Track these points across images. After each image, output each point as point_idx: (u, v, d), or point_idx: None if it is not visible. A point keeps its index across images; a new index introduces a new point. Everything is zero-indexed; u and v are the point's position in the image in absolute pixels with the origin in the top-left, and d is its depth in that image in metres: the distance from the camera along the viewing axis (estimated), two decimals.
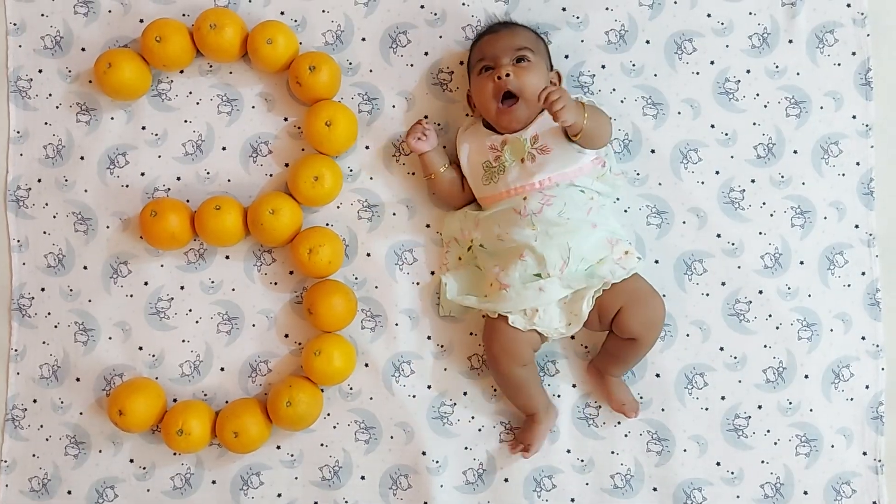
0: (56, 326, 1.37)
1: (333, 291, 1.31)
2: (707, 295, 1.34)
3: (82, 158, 1.38)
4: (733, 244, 1.34)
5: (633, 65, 1.36)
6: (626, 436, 1.33)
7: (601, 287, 1.22)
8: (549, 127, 1.25)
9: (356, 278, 1.36)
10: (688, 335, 1.34)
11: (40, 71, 1.39)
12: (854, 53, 1.36)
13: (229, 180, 1.38)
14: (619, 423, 1.33)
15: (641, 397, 1.33)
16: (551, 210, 1.22)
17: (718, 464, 1.33)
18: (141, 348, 1.36)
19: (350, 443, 1.34)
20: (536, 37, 1.31)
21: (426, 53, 1.37)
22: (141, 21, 1.38)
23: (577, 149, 1.25)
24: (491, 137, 1.28)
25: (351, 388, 1.35)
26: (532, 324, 1.24)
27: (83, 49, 1.39)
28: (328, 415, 1.35)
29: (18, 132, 1.39)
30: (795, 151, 1.35)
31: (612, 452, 1.33)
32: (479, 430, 1.34)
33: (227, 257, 1.37)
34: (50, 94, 1.39)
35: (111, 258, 1.37)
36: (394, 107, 1.37)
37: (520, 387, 1.27)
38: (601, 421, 1.34)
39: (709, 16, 1.36)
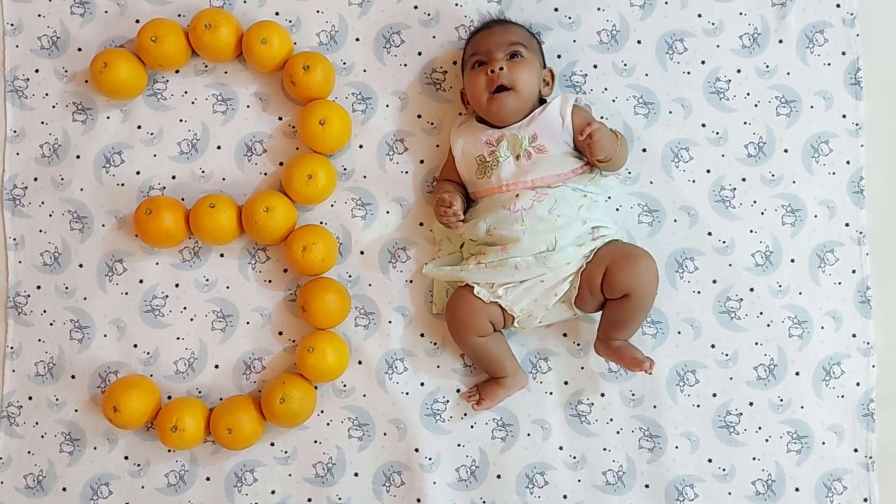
0: (51, 324, 1.38)
1: (327, 289, 1.32)
2: (698, 292, 1.35)
3: (78, 157, 1.39)
4: (724, 242, 1.35)
5: (625, 64, 1.37)
6: (618, 433, 1.34)
7: (582, 264, 1.23)
8: (547, 128, 1.26)
9: (350, 276, 1.37)
10: (679, 332, 1.34)
11: (37, 71, 1.40)
12: (844, 53, 1.37)
13: (224, 179, 1.39)
14: (611, 419, 1.34)
15: (633, 394, 1.34)
16: (542, 207, 1.23)
17: (710, 460, 1.33)
18: (136, 346, 1.37)
19: (343, 439, 1.35)
20: (530, 34, 1.32)
21: (420, 53, 1.38)
22: (137, 21, 1.39)
23: (573, 153, 1.26)
24: (486, 132, 1.28)
25: (344, 385, 1.36)
26: (496, 296, 1.25)
27: (79, 49, 1.40)
28: (322, 412, 1.35)
29: (15, 131, 1.40)
30: (786, 150, 1.36)
31: (605, 449, 1.34)
32: (472, 426, 1.35)
33: (222, 255, 1.38)
34: (46, 94, 1.40)
35: (106, 256, 1.38)
36: (387, 106, 1.38)
37: (480, 356, 1.29)
38: (593, 418, 1.34)
39: (699, 16, 1.38)
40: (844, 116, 1.37)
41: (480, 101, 1.26)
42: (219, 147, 1.39)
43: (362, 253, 1.37)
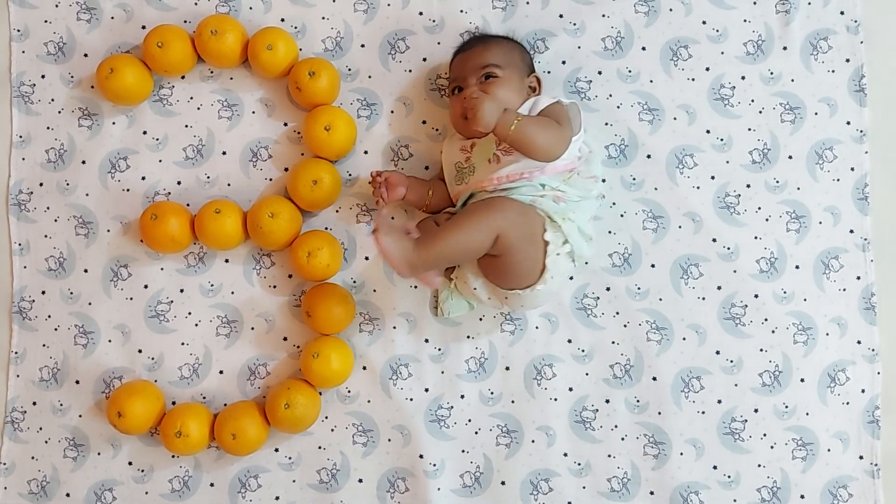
0: (56, 329, 1.38)
1: (332, 295, 1.32)
2: (703, 299, 1.35)
3: (84, 163, 1.39)
4: (729, 248, 1.35)
5: (630, 71, 1.38)
6: (622, 439, 1.34)
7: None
8: None
9: (354, 282, 1.37)
10: (684, 339, 1.34)
11: (43, 76, 1.41)
12: (848, 60, 1.38)
13: (229, 184, 1.39)
14: (615, 426, 1.34)
15: (638, 401, 1.34)
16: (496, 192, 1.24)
17: (715, 467, 1.33)
18: (140, 351, 1.37)
19: (348, 445, 1.35)
20: (509, 47, 1.30)
21: (424, 59, 1.39)
22: (143, 27, 1.40)
23: None
24: (463, 140, 1.30)
25: (349, 391, 1.36)
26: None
27: (85, 55, 1.41)
28: (326, 417, 1.35)
29: (21, 137, 1.40)
30: (790, 157, 1.37)
31: (609, 456, 1.34)
32: (476, 432, 1.35)
33: (227, 261, 1.38)
34: (52, 100, 1.40)
35: (111, 261, 1.38)
36: (392, 112, 1.39)
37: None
38: (598, 424, 1.34)
39: (704, 23, 1.38)
40: (849, 123, 1.37)
41: (459, 125, 1.27)
42: (224, 153, 1.39)
43: (367, 258, 1.37)
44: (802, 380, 1.34)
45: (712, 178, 1.36)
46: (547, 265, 1.20)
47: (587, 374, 1.35)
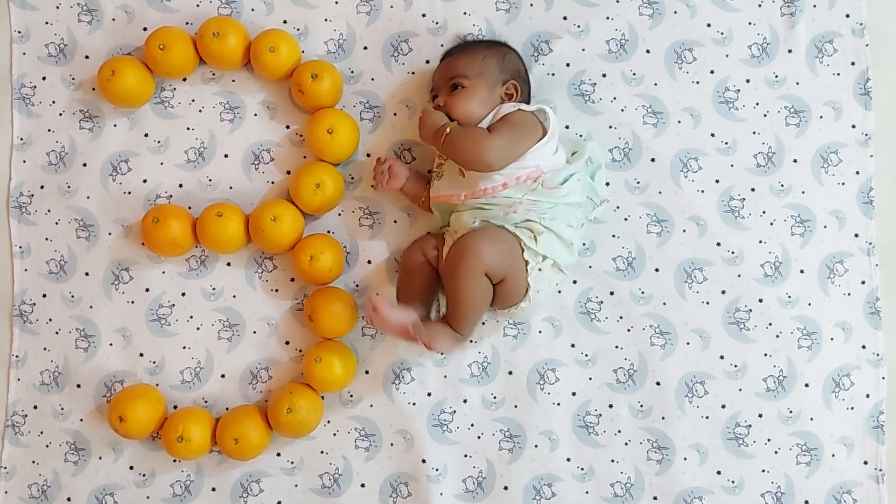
0: (57, 333, 1.37)
1: (334, 298, 1.31)
2: (707, 303, 1.34)
3: (85, 165, 1.39)
4: (733, 252, 1.35)
5: (634, 74, 1.37)
6: (626, 444, 1.33)
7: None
8: None
9: (357, 285, 1.36)
10: (688, 343, 1.34)
11: (44, 78, 1.40)
12: (853, 63, 1.37)
13: (231, 187, 1.38)
14: (619, 431, 1.33)
15: (642, 406, 1.33)
16: (468, 216, 1.25)
17: (719, 472, 1.33)
18: (142, 355, 1.37)
19: (350, 450, 1.34)
20: (485, 55, 1.27)
21: (427, 62, 1.38)
22: (144, 29, 1.39)
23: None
24: None
25: (351, 396, 1.35)
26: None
27: (87, 57, 1.40)
28: (328, 422, 1.35)
29: (22, 139, 1.40)
30: (795, 160, 1.36)
31: (612, 461, 1.33)
32: (479, 437, 1.34)
33: (229, 264, 1.38)
34: (53, 102, 1.40)
35: (113, 264, 1.38)
36: (395, 115, 1.38)
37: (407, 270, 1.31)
38: (601, 429, 1.34)
39: (708, 25, 1.37)
40: (854, 126, 1.36)
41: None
42: (226, 155, 1.39)
43: (369, 262, 1.36)
44: (807, 385, 1.33)
45: (717, 181, 1.36)
46: (530, 283, 1.21)
47: (590, 379, 1.34)
